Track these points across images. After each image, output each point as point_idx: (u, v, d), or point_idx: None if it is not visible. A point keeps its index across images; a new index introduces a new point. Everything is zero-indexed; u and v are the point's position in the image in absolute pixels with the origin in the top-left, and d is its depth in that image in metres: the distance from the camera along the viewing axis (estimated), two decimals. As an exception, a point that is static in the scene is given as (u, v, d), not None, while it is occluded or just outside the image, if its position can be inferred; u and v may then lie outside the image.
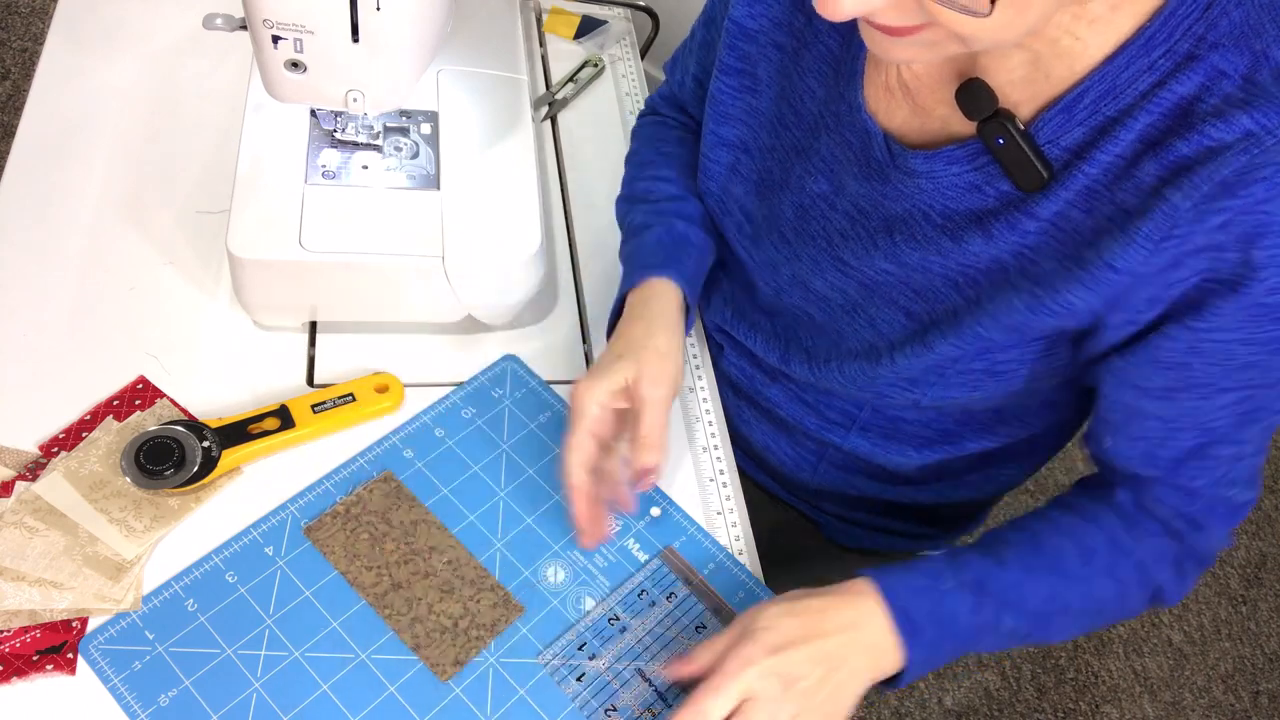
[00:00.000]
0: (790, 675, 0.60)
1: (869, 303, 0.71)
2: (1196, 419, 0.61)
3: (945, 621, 0.64)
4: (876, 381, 0.72)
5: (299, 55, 0.66)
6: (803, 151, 0.72)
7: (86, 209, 0.84)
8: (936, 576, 0.65)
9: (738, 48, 0.73)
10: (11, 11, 2.02)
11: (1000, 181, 0.62)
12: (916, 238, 0.66)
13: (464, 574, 0.69)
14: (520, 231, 0.77)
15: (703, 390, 0.84)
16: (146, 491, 0.68)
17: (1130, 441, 0.65)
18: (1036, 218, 0.60)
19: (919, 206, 0.66)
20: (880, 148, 0.66)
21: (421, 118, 0.81)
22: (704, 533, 0.75)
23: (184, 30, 0.96)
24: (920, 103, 0.65)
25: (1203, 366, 0.58)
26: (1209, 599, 1.78)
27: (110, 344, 0.77)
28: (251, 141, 0.77)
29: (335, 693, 0.64)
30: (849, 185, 0.69)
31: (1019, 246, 0.62)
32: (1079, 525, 0.68)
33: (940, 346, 0.66)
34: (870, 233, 0.69)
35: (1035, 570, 0.66)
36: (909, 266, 0.67)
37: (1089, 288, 0.58)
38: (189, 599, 0.66)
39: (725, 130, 0.76)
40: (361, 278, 0.75)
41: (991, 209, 0.62)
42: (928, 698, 1.59)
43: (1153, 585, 0.68)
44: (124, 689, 0.62)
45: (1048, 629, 0.67)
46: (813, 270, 0.73)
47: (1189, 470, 0.64)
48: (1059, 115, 0.58)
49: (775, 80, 0.73)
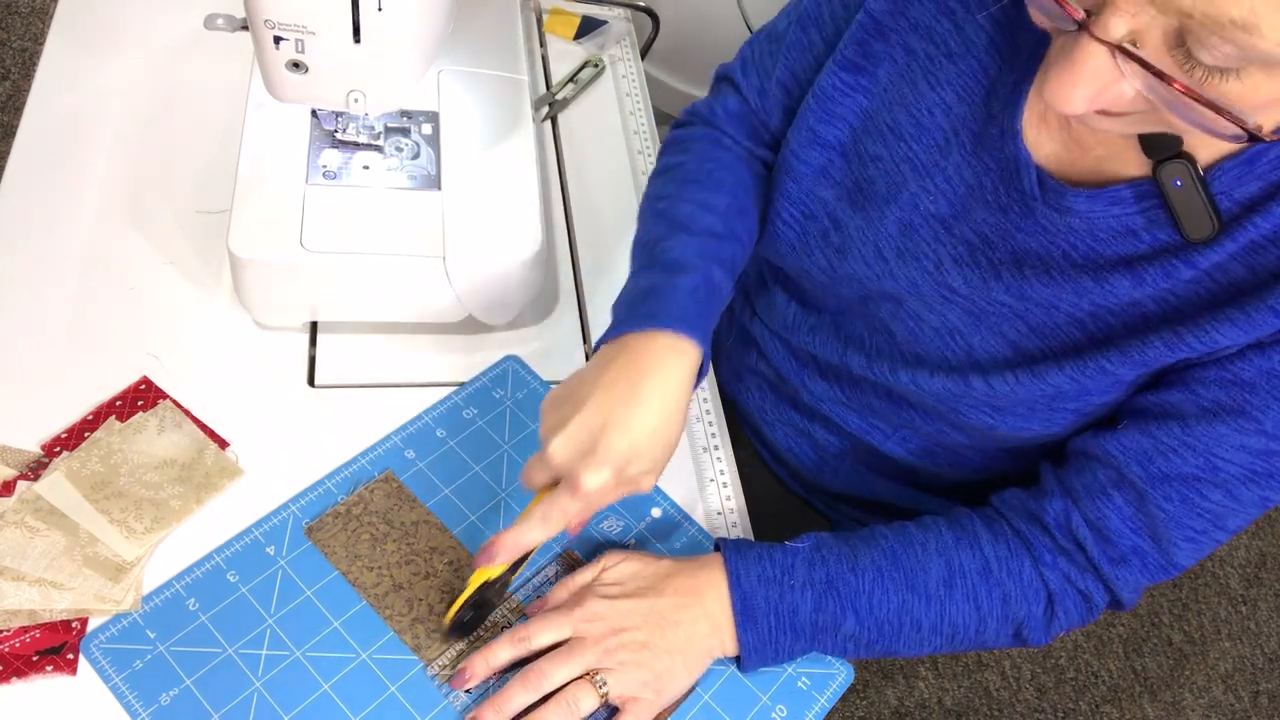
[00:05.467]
0: (619, 623, 0.63)
1: (971, 330, 0.69)
2: (1213, 447, 0.60)
3: (784, 614, 0.65)
4: (963, 401, 0.70)
5: (300, 56, 0.66)
6: (921, 168, 0.68)
7: (86, 209, 0.84)
8: (788, 570, 0.66)
9: (866, 44, 0.68)
10: (11, 11, 2.02)
11: (1159, 229, 0.60)
12: (1052, 274, 0.64)
13: (465, 575, 0.69)
14: (521, 232, 0.77)
15: (703, 390, 0.84)
16: (151, 500, 0.68)
17: (1142, 435, 0.63)
18: (1194, 266, 0.59)
19: (1059, 245, 0.63)
20: (1031, 180, 0.63)
21: (422, 118, 0.82)
22: (704, 533, 0.75)
23: (184, 30, 0.96)
24: (1076, 138, 0.62)
25: (1265, 395, 0.58)
26: (1209, 599, 1.78)
27: (111, 344, 0.77)
28: (252, 141, 0.77)
29: (336, 692, 0.64)
30: (975, 211, 0.66)
31: (1166, 293, 0.60)
32: (956, 545, 0.68)
33: (1053, 377, 0.65)
34: (993, 264, 0.66)
35: (889, 581, 0.66)
36: (1031, 301, 0.65)
37: (1242, 329, 0.57)
38: (190, 598, 0.66)
39: (825, 129, 0.72)
40: (362, 278, 0.75)
41: (1143, 255, 0.61)
42: (928, 698, 1.60)
43: (1016, 621, 0.67)
44: (125, 688, 0.62)
45: (895, 641, 0.67)
46: (910, 291, 0.70)
47: (1170, 490, 0.62)
48: (1239, 167, 0.57)
49: (895, 85, 0.68)
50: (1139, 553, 0.65)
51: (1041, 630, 0.68)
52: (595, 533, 0.73)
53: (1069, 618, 0.68)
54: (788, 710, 0.67)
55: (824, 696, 0.68)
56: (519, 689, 0.62)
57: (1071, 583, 0.67)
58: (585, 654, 0.63)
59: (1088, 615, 0.68)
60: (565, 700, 0.62)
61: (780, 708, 0.67)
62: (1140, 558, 0.65)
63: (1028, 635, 0.68)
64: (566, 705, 0.62)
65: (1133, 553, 0.65)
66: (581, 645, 0.63)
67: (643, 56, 1.10)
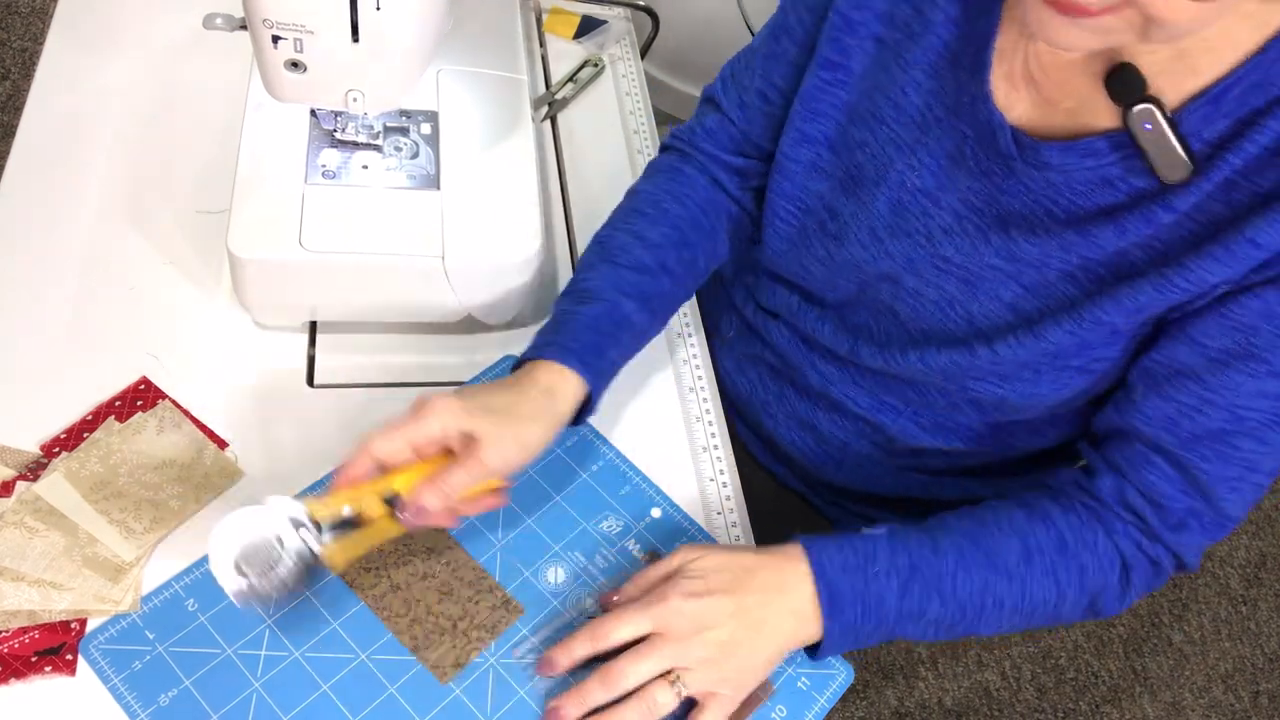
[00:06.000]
0: (703, 622, 0.62)
1: (969, 298, 0.70)
2: (1234, 399, 0.61)
3: (870, 602, 0.65)
4: (969, 373, 0.71)
5: (299, 55, 0.66)
6: (904, 146, 0.70)
7: (86, 209, 0.84)
8: (870, 557, 0.66)
9: (839, 40, 0.71)
10: (11, 11, 2.02)
11: (1135, 177, 0.61)
12: (1037, 232, 0.65)
13: (463, 575, 0.69)
14: (520, 231, 0.77)
15: (703, 390, 0.84)
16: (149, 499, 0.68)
17: (1163, 401, 0.63)
18: (1173, 210, 0.60)
19: (1041, 202, 0.65)
20: (1007, 140, 0.65)
21: (421, 118, 0.81)
22: (705, 533, 0.75)
23: (184, 30, 0.96)
24: (1045, 95, 0.64)
25: (1268, 336, 0.58)
26: (1209, 599, 1.78)
27: (110, 344, 0.76)
28: (251, 141, 0.77)
29: (335, 693, 0.64)
30: (959, 180, 0.68)
31: (1150, 239, 0.61)
32: (1029, 523, 0.68)
33: (1052, 334, 0.65)
34: (982, 229, 0.68)
35: (971, 562, 0.66)
36: (1022, 261, 0.66)
37: (1224, 263, 0.58)
38: (189, 599, 0.66)
39: (811, 127, 0.74)
40: (361, 277, 0.75)
41: (1123, 204, 0.62)
42: (928, 698, 1.59)
43: (1092, 593, 0.68)
44: (124, 689, 0.62)
45: (977, 621, 0.67)
46: (906, 268, 0.72)
47: (1203, 450, 0.63)
48: (1205, 107, 0.58)
49: (870, 74, 0.71)
50: (1195, 514, 0.65)
51: (1117, 599, 0.68)
52: (595, 533, 0.73)
53: (1143, 584, 0.68)
54: (788, 710, 0.67)
55: (824, 696, 0.68)
56: (598, 686, 0.61)
57: (1142, 550, 0.67)
58: (665, 651, 0.62)
59: (1156, 580, 0.69)
60: (644, 700, 0.61)
61: (780, 708, 0.67)
62: (1197, 518, 0.66)
63: (1103, 606, 0.69)
64: (645, 705, 0.61)
65: (1189, 515, 0.65)
66: (662, 642, 0.62)
67: (643, 56, 1.10)
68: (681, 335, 0.87)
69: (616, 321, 0.72)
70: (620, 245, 0.76)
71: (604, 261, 0.75)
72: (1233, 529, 0.66)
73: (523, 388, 0.67)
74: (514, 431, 0.64)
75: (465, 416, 0.63)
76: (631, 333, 0.74)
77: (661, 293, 0.76)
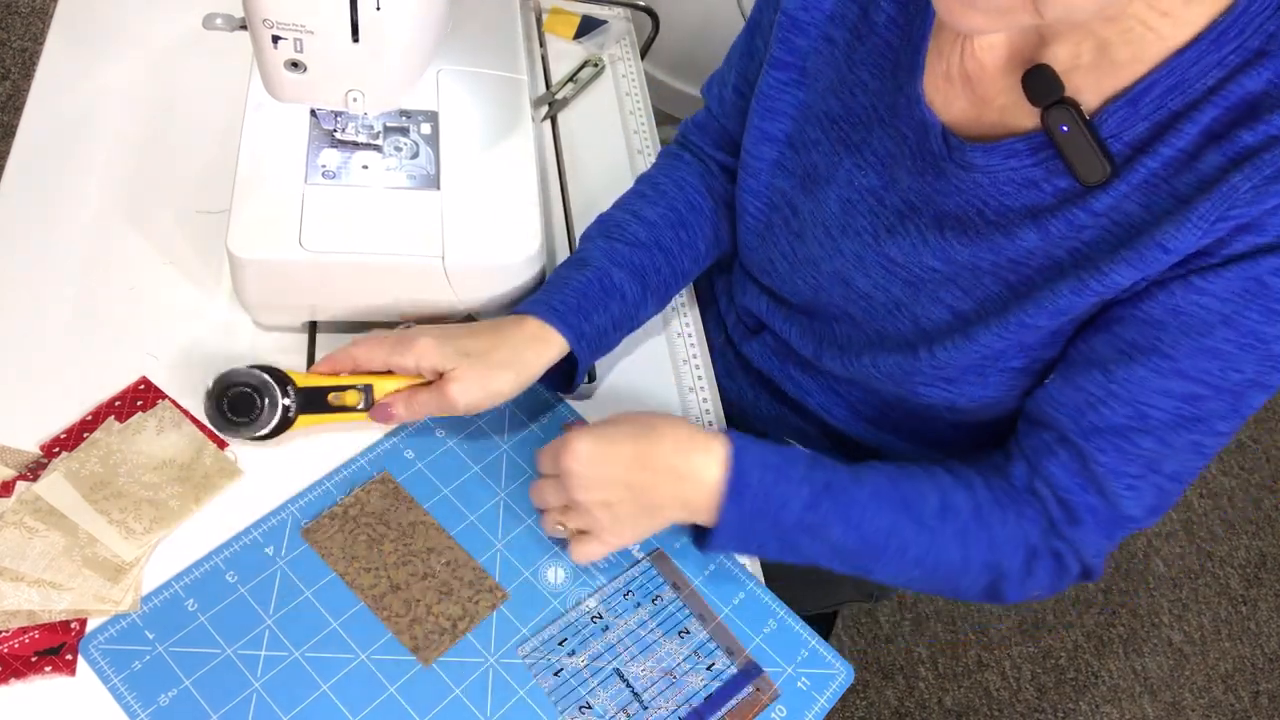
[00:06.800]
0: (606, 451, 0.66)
1: (913, 300, 0.70)
2: (1137, 394, 0.61)
3: (773, 501, 0.65)
4: (913, 377, 0.71)
5: (299, 55, 0.66)
6: (853, 146, 0.71)
7: (86, 209, 0.84)
8: (792, 462, 0.66)
9: (789, 41, 0.73)
10: (11, 11, 2.02)
11: (1058, 178, 0.61)
12: (968, 233, 0.66)
13: (462, 575, 0.69)
14: (520, 231, 0.77)
15: (703, 390, 0.84)
16: (148, 495, 0.68)
17: (1073, 390, 0.64)
18: (1092, 211, 0.60)
19: (973, 202, 0.65)
20: (938, 140, 0.65)
21: (421, 118, 0.81)
22: (704, 533, 0.75)
23: (184, 30, 0.96)
24: (980, 94, 0.64)
25: (1175, 332, 0.58)
26: (1209, 599, 1.78)
27: (110, 344, 0.76)
28: (251, 141, 0.77)
29: (335, 693, 0.64)
30: (901, 180, 0.69)
31: (1074, 241, 0.61)
32: (953, 485, 0.68)
33: (983, 338, 0.66)
34: (920, 229, 0.68)
35: (886, 500, 0.66)
36: (957, 264, 0.67)
37: (1135, 267, 0.58)
38: (189, 599, 0.66)
39: (770, 125, 0.76)
40: (361, 277, 0.75)
41: (1048, 205, 0.62)
42: (928, 698, 1.60)
43: (996, 570, 0.67)
44: (124, 689, 0.62)
45: (876, 560, 0.67)
46: (855, 267, 0.73)
47: (1102, 442, 0.63)
48: (1124, 108, 0.58)
49: (825, 74, 0.73)
50: (1091, 510, 0.65)
51: (1018, 585, 0.68)
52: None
53: (1044, 577, 0.68)
54: (788, 710, 0.67)
55: (824, 696, 0.68)
56: None
57: (1046, 541, 0.67)
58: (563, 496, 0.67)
59: (1059, 579, 0.68)
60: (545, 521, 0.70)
61: (780, 708, 0.67)
62: (1093, 515, 0.65)
63: (1003, 589, 0.68)
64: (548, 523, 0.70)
65: (1085, 510, 0.65)
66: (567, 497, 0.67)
67: (643, 56, 1.10)
68: (681, 335, 0.88)
69: (606, 289, 0.75)
70: (617, 222, 0.80)
71: (601, 236, 0.79)
72: (1133, 531, 0.65)
73: (504, 335, 0.71)
74: (484, 377, 0.69)
75: (440, 358, 0.68)
76: (623, 303, 0.76)
77: (656, 268, 0.79)
